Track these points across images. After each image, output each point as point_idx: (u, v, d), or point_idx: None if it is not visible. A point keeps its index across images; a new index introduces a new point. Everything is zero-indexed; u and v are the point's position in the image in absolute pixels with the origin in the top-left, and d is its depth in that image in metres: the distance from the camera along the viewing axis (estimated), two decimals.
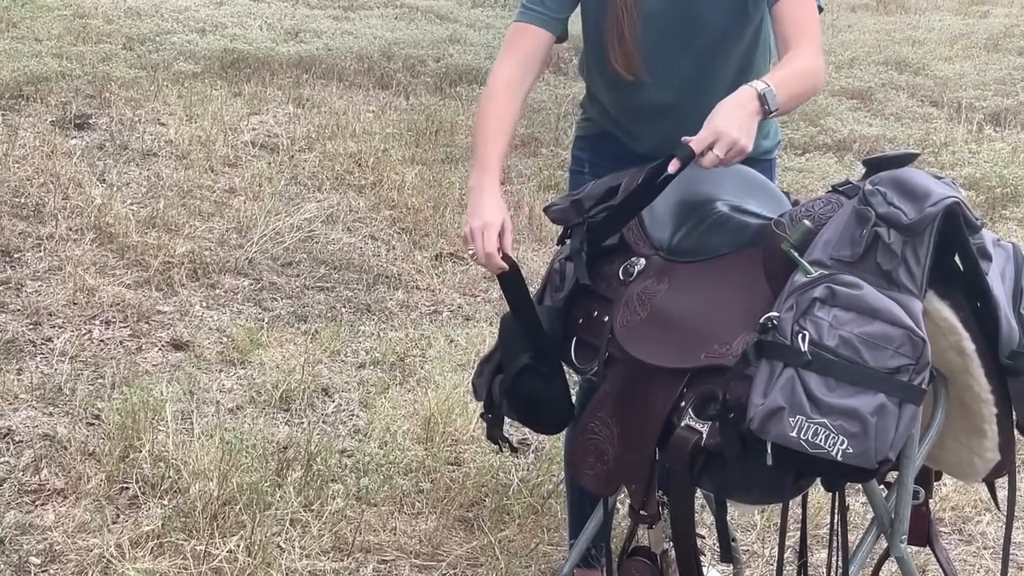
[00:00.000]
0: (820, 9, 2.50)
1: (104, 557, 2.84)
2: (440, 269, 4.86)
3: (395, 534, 3.07)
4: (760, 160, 2.69)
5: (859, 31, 9.49)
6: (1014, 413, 2.23)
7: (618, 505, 3.16)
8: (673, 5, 2.48)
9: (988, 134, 6.86)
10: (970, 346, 2.12)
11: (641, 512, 2.32)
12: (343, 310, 4.43)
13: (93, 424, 3.46)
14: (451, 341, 4.19)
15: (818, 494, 3.08)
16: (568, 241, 2.50)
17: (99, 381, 3.71)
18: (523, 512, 3.17)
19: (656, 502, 2.30)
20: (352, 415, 3.69)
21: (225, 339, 4.10)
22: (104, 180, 5.34)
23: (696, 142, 2.19)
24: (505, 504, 3.20)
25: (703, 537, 2.93)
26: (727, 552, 2.27)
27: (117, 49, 7.47)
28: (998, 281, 2.15)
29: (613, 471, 2.33)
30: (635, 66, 2.52)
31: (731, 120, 2.19)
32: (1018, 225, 5.52)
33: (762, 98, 2.24)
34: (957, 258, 2.12)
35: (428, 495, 3.25)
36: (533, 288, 2.48)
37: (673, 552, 2.31)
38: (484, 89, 2.54)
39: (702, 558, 2.90)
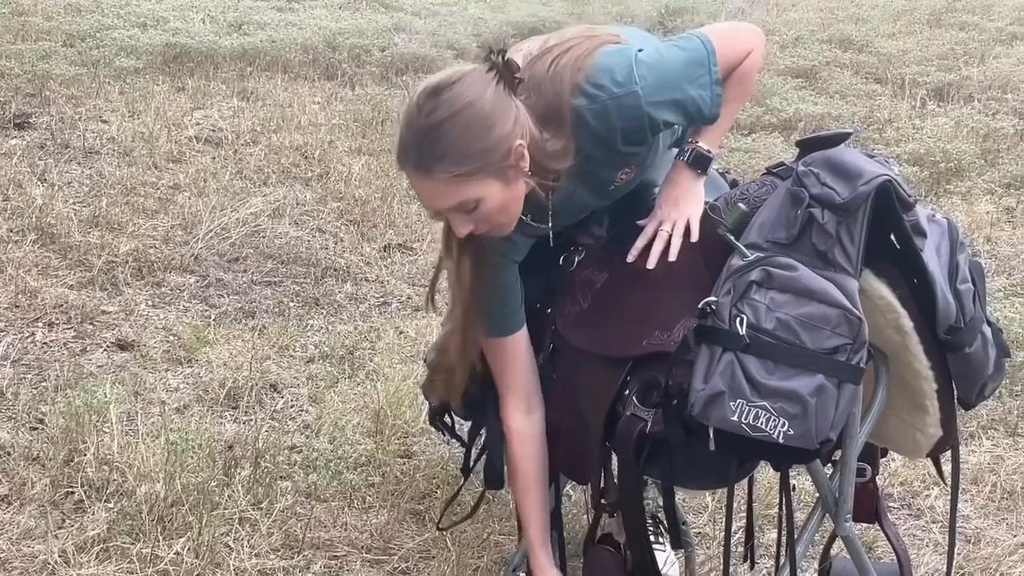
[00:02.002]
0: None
1: (49, 564, 2.81)
2: (388, 260, 4.83)
3: (346, 529, 3.06)
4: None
5: (803, 10, 9.51)
6: (955, 388, 2.25)
7: (569, 491, 3.17)
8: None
9: (931, 109, 6.91)
10: (908, 323, 2.13)
11: (603, 501, 2.32)
12: (291, 304, 4.40)
13: (37, 428, 3.41)
14: (400, 332, 4.16)
15: (768, 474, 3.09)
16: None
17: (42, 384, 3.66)
18: (474, 503, 3.15)
19: (616, 491, 2.30)
20: (301, 411, 3.66)
21: (171, 338, 4.05)
22: (45, 180, 5.25)
23: (643, 236, 2.29)
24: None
25: (662, 522, 2.94)
26: (676, 538, 2.27)
27: (57, 46, 7.35)
28: (934, 257, 2.16)
29: (578, 459, 2.35)
30: None
31: (670, 202, 2.29)
32: (962, 199, 5.56)
33: (693, 164, 2.29)
34: (892, 236, 2.13)
35: (379, 489, 3.23)
36: None
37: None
38: (508, 437, 2.45)
39: (661, 541, 2.90)
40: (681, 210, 2.27)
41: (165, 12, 8.36)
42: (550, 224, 2.30)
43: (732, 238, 2.10)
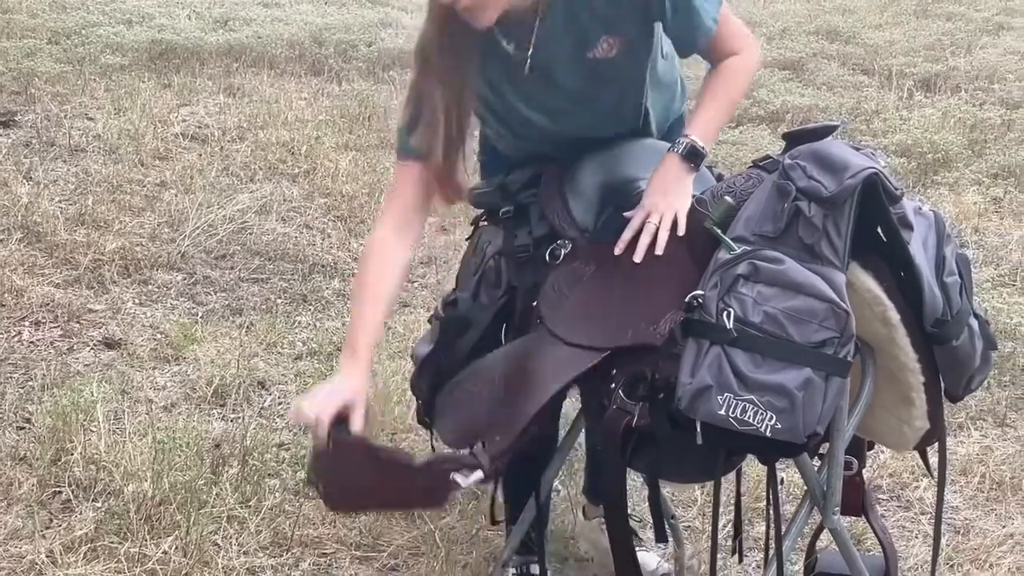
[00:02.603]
0: None
1: (36, 564, 2.80)
2: None
3: (334, 527, 3.05)
4: (676, 122, 2.69)
5: (790, 1, 9.50)
6: (941, 381, 2.25)
7: (558, 487, 3.17)
8: (544, 106, 2.41)
9: (918, 100, 6.91)
10: (895, 316, 2.13)
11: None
12: (279, 301, 4.38)
13: (24, 428, 3.40)
14: (388, 328, 4.15)
15: (757, 468, 3.09)
16: (484, 223, 2.50)
17: (29, 384, 3.64)
18: (463, 499, 3.15)
19: (497, 462, 2.19)
20: (289, 407, 3.64)
21: (158, 335, 4.04)
22: (31, 178, 5.24)
23: (630, 228, 2.26)
24: None
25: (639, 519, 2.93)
26: (661, 532, 2.27)
27: (42, 44, 7.32)
28: (920, 250, 2.16)
29: (477, 425, 2.25)
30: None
31: (659, 192, 2.27)
32: (949, 190, 5.56)
33: (686, 156, 2.28)
34: (879, 229, 2.13)
35: None
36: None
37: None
38: (367, 245, 2.42)
39: (646, 535, 2.91)
40: (669, 202, 2.26)
41: (150, 8, 8.33)
42: (529, 53, 2.30)
43: (719, 231, 2.10)
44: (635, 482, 2.83)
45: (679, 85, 2.66)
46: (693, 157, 2.28)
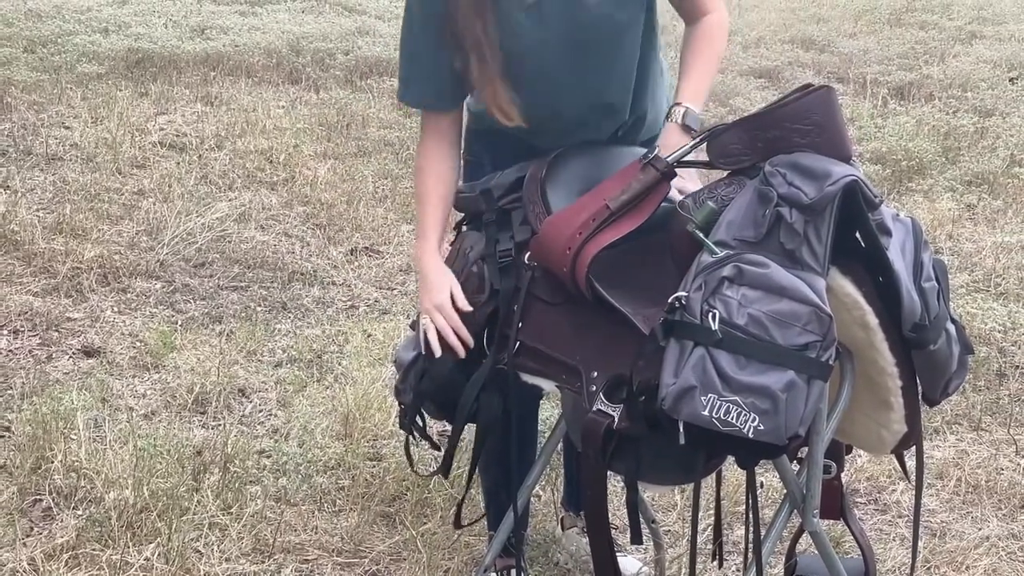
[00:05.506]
0: None
1: (17, 572, 2.79)
2: (355, 264, 4.83)
3: (316, 533, 3.05)
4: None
5: (765, 10, 9.57)
6: (919, 385, 2.27)
7: (539, 492, 3.19)
8: (555, 29, 2.39)
9: (893, 108, 6.97)
10: (873, 320, 2.15)
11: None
12: (258, 309, 4.38)
13: (3, 436, 3.39)
14: (368, 335, 4.16)
15: (736, 472, 3.11)
16: (465, 228, 2.51)
17: (8, 392, 3.63)
18: (444, 504, 3.16)
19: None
20: (270, 415, 3.66)
21: (138, 344, 4.03)
22: (8, 187, 5.22)
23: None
24: (426, 497, 3.19)
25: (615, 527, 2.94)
26: (637, 534, 2.28)
27: (18, 52, 7.31)
28: (898, 255, 2.18)
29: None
30: (512, 115, 2.44)
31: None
32: (924, 197, 5.61)
33: (686, 127, 2.36)
34: (858, 234, 2.15)
35: (348, 492, 3.22)
36: None
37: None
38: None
39: (625, 540, 2.92)
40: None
41: (127, 17, 8.33)
42: None
43: (701, 235, 2.11)
44: (615, 487, 2.85)
45: (668, 98, 2.69)
46: (691, 123, 2.36)
